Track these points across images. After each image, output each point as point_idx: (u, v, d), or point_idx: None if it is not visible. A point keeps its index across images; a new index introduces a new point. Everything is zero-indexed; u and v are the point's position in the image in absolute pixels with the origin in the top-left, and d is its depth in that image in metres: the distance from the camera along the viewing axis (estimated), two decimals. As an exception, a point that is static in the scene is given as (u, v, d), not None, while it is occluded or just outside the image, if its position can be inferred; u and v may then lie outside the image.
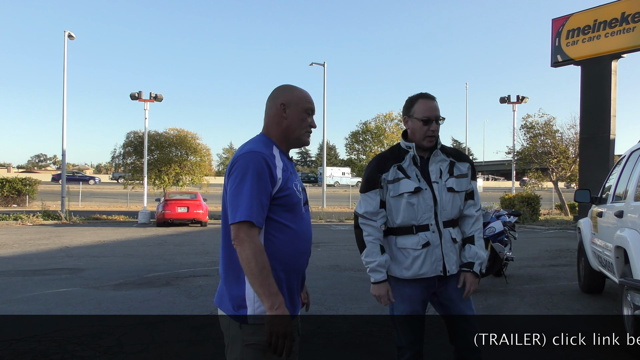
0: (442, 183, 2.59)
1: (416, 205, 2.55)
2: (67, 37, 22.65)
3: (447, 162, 2.64)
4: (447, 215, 2.59)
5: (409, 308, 2.62)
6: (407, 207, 2.56)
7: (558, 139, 24.99)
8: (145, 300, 6.40)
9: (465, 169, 2.68)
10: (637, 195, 4.69)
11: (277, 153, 2.00)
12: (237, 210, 1.85)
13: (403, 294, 2.62)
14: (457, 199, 2.63)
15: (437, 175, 2.60)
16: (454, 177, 2.63)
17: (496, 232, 7.01)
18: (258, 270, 1.81)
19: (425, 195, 2.56)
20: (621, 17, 16.63)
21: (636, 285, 3.96)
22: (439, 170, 2.61)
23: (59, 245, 12.46)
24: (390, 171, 2.59)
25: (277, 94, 2.09)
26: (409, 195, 2.55)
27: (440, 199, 2.57)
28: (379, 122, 37.28)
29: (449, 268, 2.58)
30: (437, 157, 2.63)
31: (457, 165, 2.66)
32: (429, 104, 2.61)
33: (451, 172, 2.63)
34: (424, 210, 2.56)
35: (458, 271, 2.62)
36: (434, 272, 2.56)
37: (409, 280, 2.59)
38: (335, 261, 9.84)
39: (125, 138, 26.53)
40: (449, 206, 2.60)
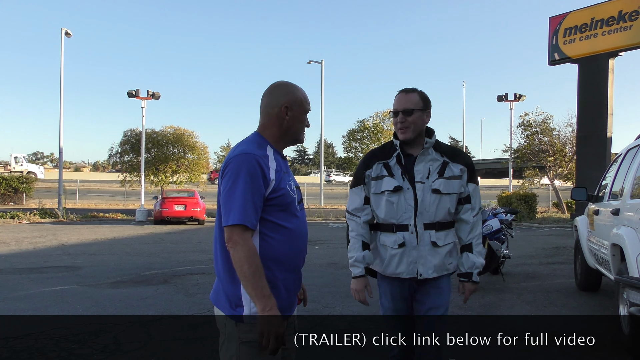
0: (428, 184, 2.51)
1: (396, 204, 2.51)
2: (64, 35, 22.59)
3: (439, 162, 2.55)
4: (429, 218, 2.51)
5: (392, 306, 2.63)
6: (387, 205, 2.53)
7: (555, 137, 25.08)
8: (143, 298, 6.40)
9: (458, 170, 2.55)
10: (633, 193, 4.70)
11: (270, 153, 1.99)
12: (230, 213, 1.85)
13: (387, 291, 2.64)
14: (445, 201, 2.52)
15: (423, 175, 2.52)
16: (444, 178, 2.52)
17: (493, 230, 7.03)
18: (251, 273, 1.81)
19: (406, 195, 2.51)
20: (618, 16, 16.67)
21: (632, 282, 3.97)
22: (427, 170, 2.53)
23: (56, 243, 12.44)
24: (374, 168, 2.58)
25: (279, 94, 2.07)
26: (389, 193, 2.52)
27: (423, 200, 2.50)
28: (377, 120, 37.23)
29: (422, 271, 2.52)
30: (427, 156, 2.55)
31: (450, 165, 2.55)
32: (398, 96, 2.58)
33: (441, 172, 2.53)
34: (404, 210, 2.51)
35: (440, 276, 2.56)
36: (410, 273, 2.53)
37: (391, 278, 2.59)
38: (332, 259, 9.85)
39: (123, 136, 26.50)
40: (433, 208, 2.51)
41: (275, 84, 2.12)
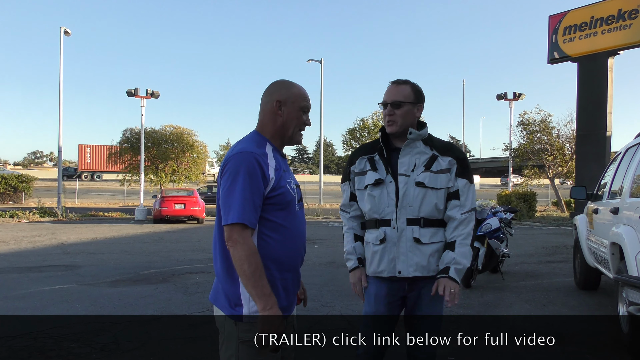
0: (412, 176, 2.38)
1: (377, 197, 2.42)
2: (62, 34, 22.59)
3: (427, 155, 2.41)
4: (412, 212, 2.37)
5: (372, 308, 2.49)
6: (369, 199, 2.45)
7: (554, 136, 25.07)
8: (142, 297, 6.39)
9: (446, 163, 2.40)
10: (632, 191, 4.70)
11: (270, 151, 1.98)
12: (229, 212, 1.84)
13: (369, 292, 2.52)
14: (432, 196, 2.37)
15: (408, 168, 2.40)
16: (430, 171, 2.38)
17: (492, 228, 7.02)
18: (251, 272, 1.81)
19: (388, 188, 2.40)
20: (618, 14, 16.65)
21: (631, 281, 3.97)
22: (412, 162, 2.40)
23: (55, 242, 12.43)
24: (357, 163, 2.52)
25: (274, 90, 2.05)
26: (371, 187, 2.44)
27: (405, 193, 2.37)
28: (377, 119, 37.27)
29: (401, 268, 2.38)
30: (414, 148, 2.42)
31: (439, 159, 2.41)
32: (389, 88, 2.48)
33: (428, 165, 2.39)
34: (386, 204, 2.40)
35: (428, 278, 2.41)
36: (391, 271, 2.40)
37: (375, 277, 2.48)
38: (331, 258, 9.85)
39: (122, 135, 26.56)
40: (417, 202, 2.37)
41: (273, 82, 2.11)
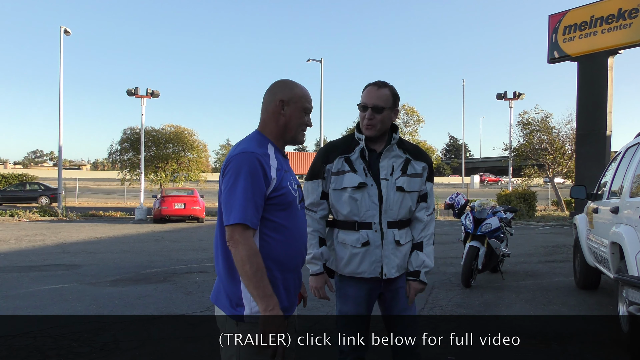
0: (392, 180, 2.44)
1: (359, 201, 2.42)
2: (63, 33, 22.57)
3: (402, 158, 2.48)
4: (393, 216, 2.44)
5: (352, 309, 2.51)
6: (350, 202, 2.43)
7: (554, 136, 25.08)
8: (142, 296, 6.39)
9: (420, 168, 2.50)
10: (632, 191, 4.70)
11: (271, 151, 1.97)
12: (231, 212, 1.84)
13: (347, 293, 2.52)
14: (408, 199, 2.47)
15: (387, 172, 2.44)
16: (407, 175, 2.46)
17: (492, 228, 7.02)
18: (252, 272, 1.80)
19: (370, 192, 2.42)
20: (618, 13, 16.65)
21: (631, 281, 3.97)
22: (391, 166, 2.45)
23: (56, 242, 12.43)
24: (335, 162, 2.46)
25: (277, 90, 2.05)
26: (352, 190, 2.41)
27: (387, 198, 2.42)
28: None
29: (386, 271, 2.44)
30: (392, 152, 2.47)
31: (413, 163, 2.49)
32: (368, 90, 2.46)
33: (404, 170, 2.46)
34: (368, 207, 2.42)
35: (403, 275, 2.51)
36: (372, 273, 2.44)
37: (352, 278, 2.49)
38: (332, 257, 9.84)
39: (122, 134, 26.56)
40: (397, 206, 2.44)
41: (275, 81, 2.10)
